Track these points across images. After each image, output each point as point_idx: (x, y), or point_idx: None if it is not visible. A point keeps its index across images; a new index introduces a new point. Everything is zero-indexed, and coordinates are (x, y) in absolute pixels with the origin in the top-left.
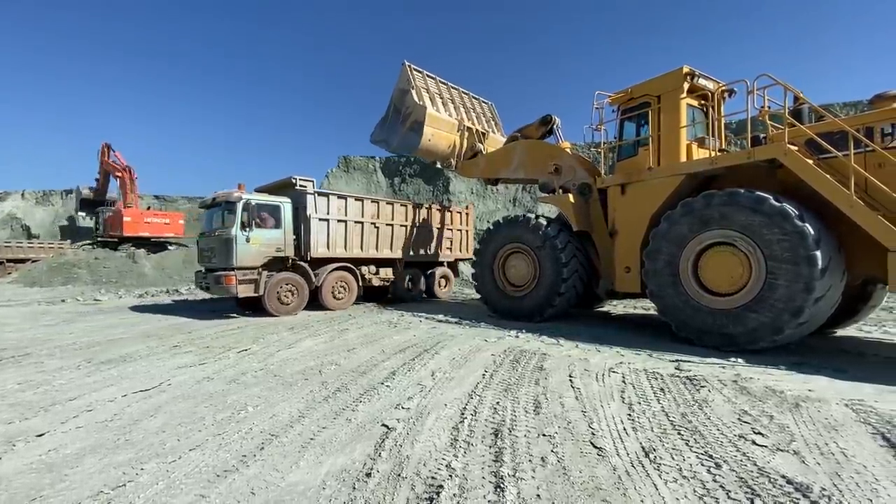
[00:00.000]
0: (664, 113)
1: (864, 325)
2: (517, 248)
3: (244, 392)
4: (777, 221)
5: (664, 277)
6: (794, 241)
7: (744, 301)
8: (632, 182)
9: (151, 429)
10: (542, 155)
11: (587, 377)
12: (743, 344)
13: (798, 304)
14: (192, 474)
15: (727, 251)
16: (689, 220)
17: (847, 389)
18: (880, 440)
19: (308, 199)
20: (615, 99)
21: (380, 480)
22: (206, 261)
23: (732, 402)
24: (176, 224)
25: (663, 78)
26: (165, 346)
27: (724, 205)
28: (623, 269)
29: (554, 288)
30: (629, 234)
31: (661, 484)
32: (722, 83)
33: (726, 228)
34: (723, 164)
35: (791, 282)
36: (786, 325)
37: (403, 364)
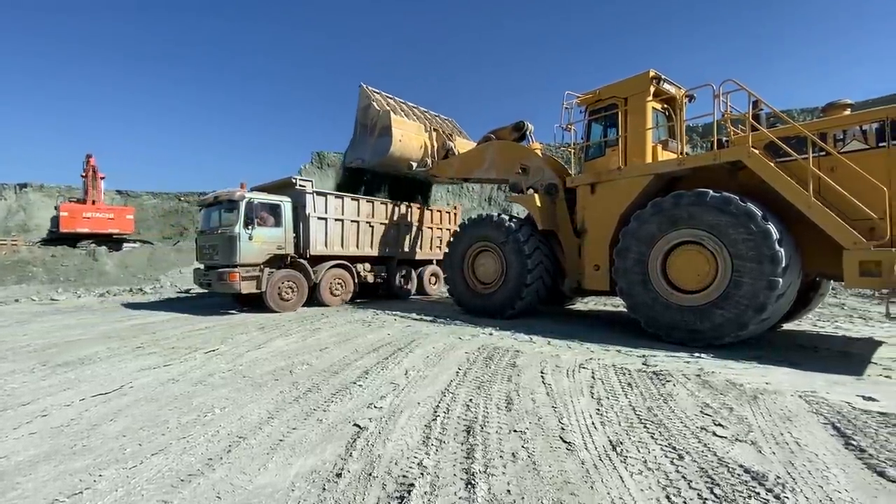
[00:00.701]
0: (631, 115)
1: (819, 321)
2: (485, 247)
3: (211, 394)
4: (743, 221)
5: (634, 275)
6: (759, 241)
7: (710, 298)
8: (601, 181)
9: (111, 433)
10: (512, 156)
11: (558, 373)
12: (709, 339)
13: (762, 301)
14: (154, 480)
15: (695, 250)
16: (659, 220)
17: (801, 382)
18: (831, 429)
19: (307, 198)
20: (583, 100)
21: (350, 480)
22: (207, 258)
23: (695, 396)
24: (122, 219)
25: (630, 81)
26: (128, 348)
27: (692, 205)
28: (592, 266)
29: (520, 282)
30: (598, 233)
31: (627, 476)
32: (683, 89)
33: (694, 228)
34: (690, 165)
35: (755, 279)
36: (750, 321)
37: (377, 363)
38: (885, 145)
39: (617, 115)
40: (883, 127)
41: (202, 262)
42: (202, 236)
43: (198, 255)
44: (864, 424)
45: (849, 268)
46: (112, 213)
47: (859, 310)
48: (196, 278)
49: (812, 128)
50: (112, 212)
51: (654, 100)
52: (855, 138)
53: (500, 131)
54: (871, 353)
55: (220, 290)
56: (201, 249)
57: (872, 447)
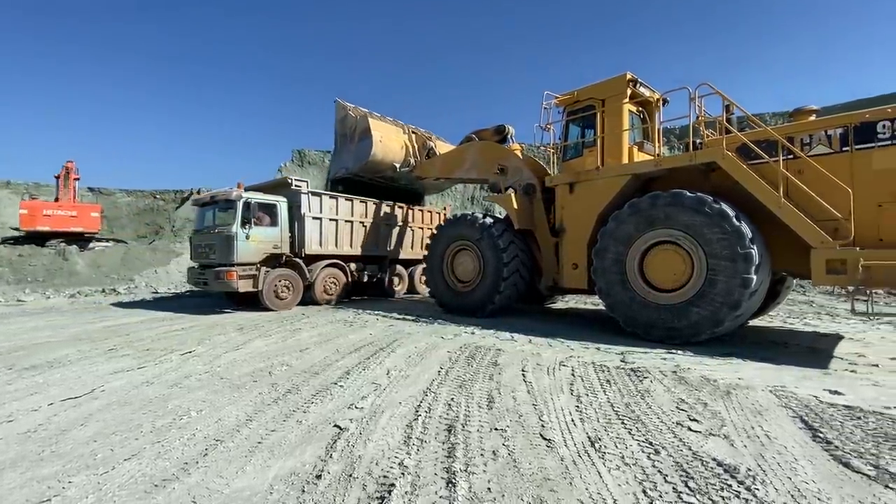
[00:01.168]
0: (608, 116)
1: (789, 318)
2: (463, 246)
3: (187, 396)
4: (717, 221)
5: (612, 275)
6: (733, 240)
7: (687, 296)
8: (580, 181)
9: (81, 439)
10: (492, 156)
11: (539, 371)
12: (686, 337)
13: (736, 298)
14: (127, 485)
15: (671, 250)
16: (636, 220)
17: (771, 377)
18: (799, 423)
19: (302, 198)
20: (562, 101)
21: (330, 482)
22: (203, 257)
23: (671, 392)
24: (86, 217)
25: (608, 83)
26: (99, 350)
27: (668, 205)
28: (570, 265)
29: (497, 279)
30: (577, 232)
31: (605, 472)
32: (658, 92)
33: (670, 228)
34: (667, 165)
35: (730, 277)
36: (726, 318)
37: (358, 363)
38: (849, 150)
39: (594, 117)
40: (846, 132)
41: (197, 261)
42: (197, 235)
43: (192, 254)
44: (831, 417)
45: (816, 266)
46: (75, 211)
47: (827, 307)
48: (191, 277)
49: (781, 132)
50: (75, 209)
51: (630, 102)
52: (820, 143)
53: (481, 132)
54: (837, 348)
55: (218, 289)
56: (196, 248)
57: (838, 439)
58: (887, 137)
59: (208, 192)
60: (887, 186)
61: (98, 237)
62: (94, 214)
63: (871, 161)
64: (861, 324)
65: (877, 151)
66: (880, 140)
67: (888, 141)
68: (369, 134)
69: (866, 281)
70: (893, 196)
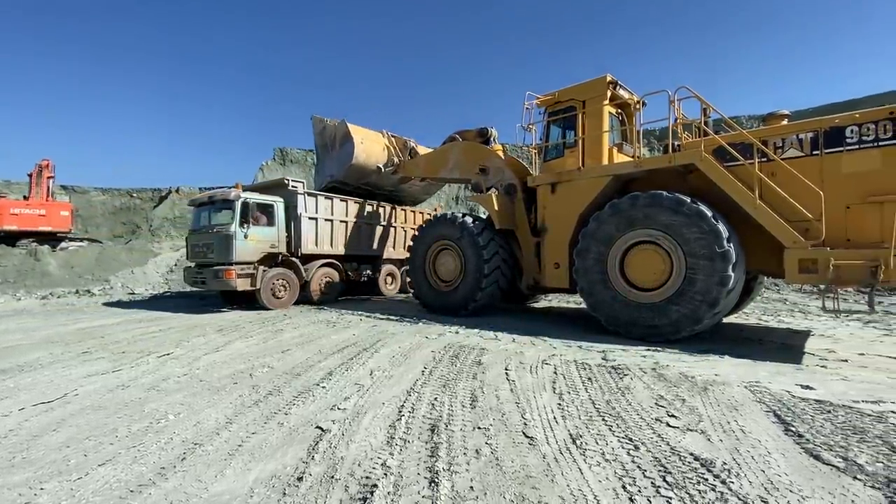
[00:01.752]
0: (588, 118)
1: (763, 315)
2: (444, 246)
3: (165, 399)
4: (695, 221)
5: (593, 275)
6: (710, 239)
7: (666, 295)
8: (561, 181)
9: (54, 444)
10: (474, 157)
11: (522, 370)
12: (667, 334)
13: (714, 296)
14: (101, 492)
15: (651, 249)
16: (616, 220)
17: (746, 373)
18: (772, 417)
19: (298, 198)
20: (543, 101)
21: (312, 484)
22: (201, 256)
23: (651, 388)
24: (56, 216)
25: (588, 84)
26: (73, 353)
27: (647, 206)
28: (552, 265)
29: (478, 278)
30: (558, 232)
31: (586, 468)
32: (636, 95)
33: (650, 228)
34: (647, 167)
35: (708, 276)
36: (704, 316)
37: (341, 364)
38: (819, 153)
39: (575, 118)
40: (817, 136)
41: (194, 261)
42: (194, 235)
43: (189, 254)
44: (802, 411)
45: (789, 265)
46: (44, 210)
47: (799, 304)
48: (188, 277)
49: (755, 135)
50: (44, 208)
51: (609, 104)
52: (792, 146)
53: (465, 132)
54: (809, 344)
55: (216, 288)
56: (193, 248)
57: (809, 433)
58: (855, 142)
59: (206, 193)
60: (854, 189)
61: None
62: (64, 213)
63: (839, 164)
64: (831, 321)
65: (845, 155)
66: (848, 144)
67: (856, 145)
68: (350, 137)
69: (836, 280)
70: (860, 198)
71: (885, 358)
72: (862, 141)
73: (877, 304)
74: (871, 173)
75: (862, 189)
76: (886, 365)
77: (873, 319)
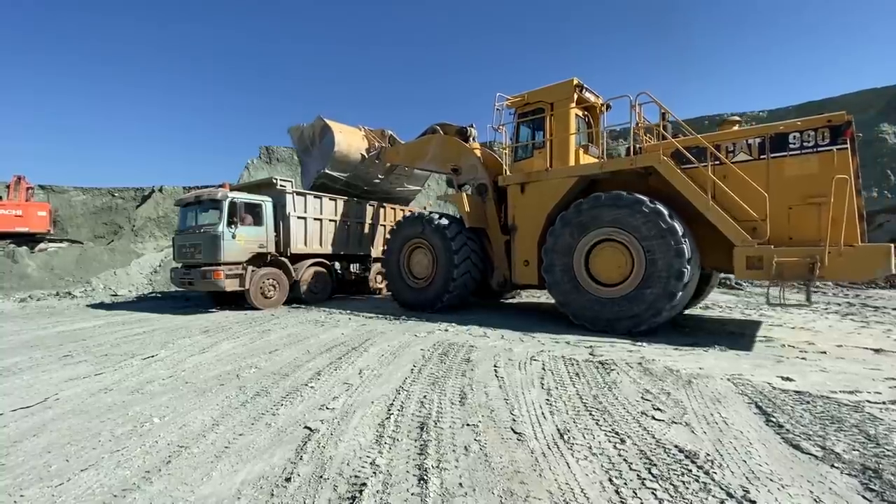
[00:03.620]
0: (556, 120)
1: (746, 309)
2: (418, 244)
3: (149, 402)
4: (653, 219)
5: (560, 272)
6: (667, 237)
7: (629, 289)
8: (530, 181)
9: (34, 450)
10: (451, 153)
11: (511, 366)
12: (629, 327)
13: (672, 290)
14: (84, 497)
15: (613, 247)
16: (581, 220)
17: (729, 366)
18: (754, 408)
19: (287, 197)
20: (513, 103)
21: (300, 484)
22: (188, 257)
23: (637, 383)
24: (33, 217)
25: (556, 87)
26: (53, 357)
27: (609, 206)
28: (522, 262)
29: (449, 275)
30: (528, 230)
31: (574, 462)
32: (602, 98)
33: (611, 226)
34: (610, 168)
35: (666, 271)
36: (663, 308)
37: (329, 363)
38: (766, 157)
39: (543, 120)
40: (764, 142)
41: (181, 261)
42: (181, 236)
43: (175, 255)
44: (783, 402)
45: (738, 262)
46: (20, 210)
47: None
48: (175, 277)
49: (709, 140)
50: (20, 208)
51: (576, 107)
52: (742, 150)
53: (446, 126)
54: (789, 337)
55: (204, 289)
56: (180, 249)
57: (789, 423)
58: (797, 147)
59: (193, 193)
60: (796, 191)
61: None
62: (41, 214)
63: (783, 168)
64: (811, 313)
65: (788, 159)
66: (791, 150)
67: (797, 151)
68: (328, 129)
69: (779, 275)
70: (801, 199)
71: (862, 349)
72: (803, 147)
73: (854, 298)
74: (810, 177)
75: (802, 191)
76: (863, 356)
77: (851, 312)
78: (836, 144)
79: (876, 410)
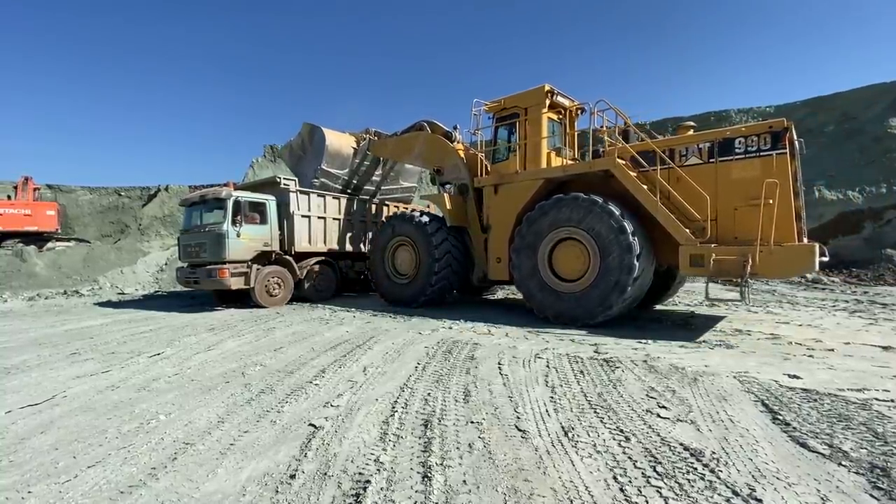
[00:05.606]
0: (529, 124)
1: (753, 307)
2: (402, 242)
3: (155, 400)
4: (605, 219)
5: (526, 269)
6: (618, 234)
7: (585, 285)
8: (502, 183)
9: (41, 447)
10: (436, 152)
11: (515, 364)
12: (584, 319)
13: (623, 284)
14: (91, 493)
15: (573, 245)
16: (544, 220)
17: (735, 363)
18: (760, 406)
19: (291, 196)
20: (490, 108)
21: (305, 481)
22: (193, 256)
23: (642, 380)
24: (41, 216)
25: (529, 93)
26: (61, 354)
27: (568, 206)
28: (495, 259)
29: (430, 272)
30: (500, 229)
31: (578, 460)
32: (576, 101)
33: (570, 226)
34: (571, 171)
35: (618, 266)
36: (615, 302)
37: (334, 361)
38: (714, 161)
39: (518, 124)
40: (713, 146)
41: (186, 261)
42: (186, 235)
43: (181, 254)
44: (790, 400)
45: (682, 259)
46: (29, 210)
47: (788, 296)
48: (180, 276)
49: (665, 144)
50: (29, 207)
51: (549, 111)
52: (694, 154)
53: (434, 124)
54: (796, 334)
55: (210, 287)
56: (185, 248)
57: (796, 421)
58: (742, 152)
59: (197, 192)
60: (741, 193)
61: (58, 236)
62: (50, 213)
63: (730, 171)
64: (819, 310)
65: (734, 163)
66: (737, 154)
67: (742, 155)
68: (316, 129)
69: (717, 272)
70: (744, 201)
71: (870, 347)
72: (747, 151)
73: (862, 295)
74: (752, 179)
75: (746, 193)
76: (871, 354)
77: (859, 309)
78: (776, 149)
79: (884, 408)
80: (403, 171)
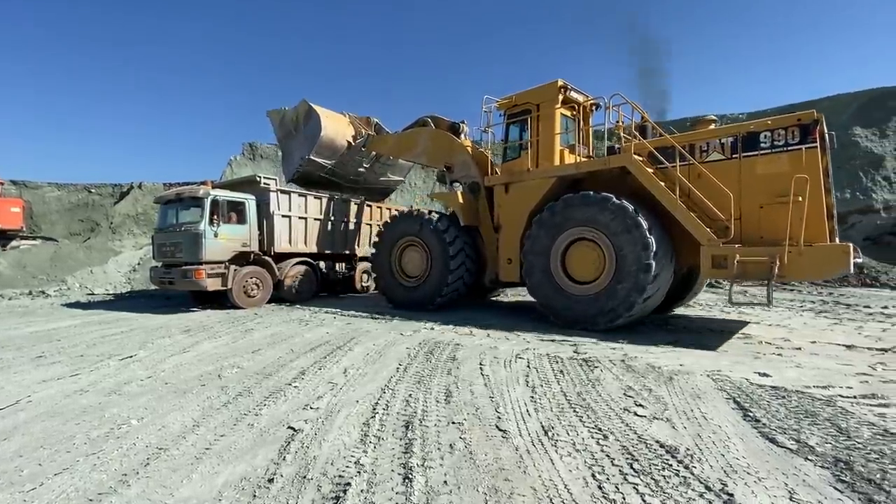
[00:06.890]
0: (542, 120)
1: (725, 307)
2: (410, 242)
3: (127, 404)
4: (619, 215)
5: (538, 271)
6: (633, 231)
7: (601, 287)
8: (514, 182)
9: (4, 454)
10: (443, 148)
11: (496, 364)
12: (604, 323)
13: (642, 283)
14: (57, 502)
15: (586, 245)
16: (555, 220)
17: (709, 363)
18: (732, 404)
19: (271, 196)
20: (501, 105)
21: (283, 485)
22: (168, 256)
23: (620, 380)
24: (6, 213)
25: (541, 89)
26: (25, 358)
27: (579, 205)
28: (506, 260)
29: (444, 273)
30: (511, 230)
31: (557, 459)
32: (590, 97)
33: (582, 225)
34: (585, 169)
35: (635, 264)
36: (635, 303)
37: (314, 363)
38: (738, 156)
39: (529, 121)
40: (736, 141)
41: (161, 260)
42: (161, 234)
43: (155, 254)
44: (759, 398)
45: (704, 261)
46: None
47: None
48: (154, 277)
49: (684, 139)
50: None
51: (563, 107)
52: (715, 150)
53: (438, 119)
54: (766, 334)
55: (185, 288)
56: (160, 247)
57: (766, 417)
58: (767, 146)
59: (173, 190)
60: (767, 190)
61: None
62: (14, 210)
63: (755, 167)
64: (787, 311)
65: (759, 158)
66: (762, 148)
67: (768, 149)
68: (313, 113)
69: (741, 274)
70: (771, 198)
71: (835, 346)
72: (774, 145)
73: (828, 296)
74: (780, 175)
75: (772, 190)
76: (836, 352)
77: (825, 310)
78: (805, 143)
79: (847, 404)
80: (396, 164)
